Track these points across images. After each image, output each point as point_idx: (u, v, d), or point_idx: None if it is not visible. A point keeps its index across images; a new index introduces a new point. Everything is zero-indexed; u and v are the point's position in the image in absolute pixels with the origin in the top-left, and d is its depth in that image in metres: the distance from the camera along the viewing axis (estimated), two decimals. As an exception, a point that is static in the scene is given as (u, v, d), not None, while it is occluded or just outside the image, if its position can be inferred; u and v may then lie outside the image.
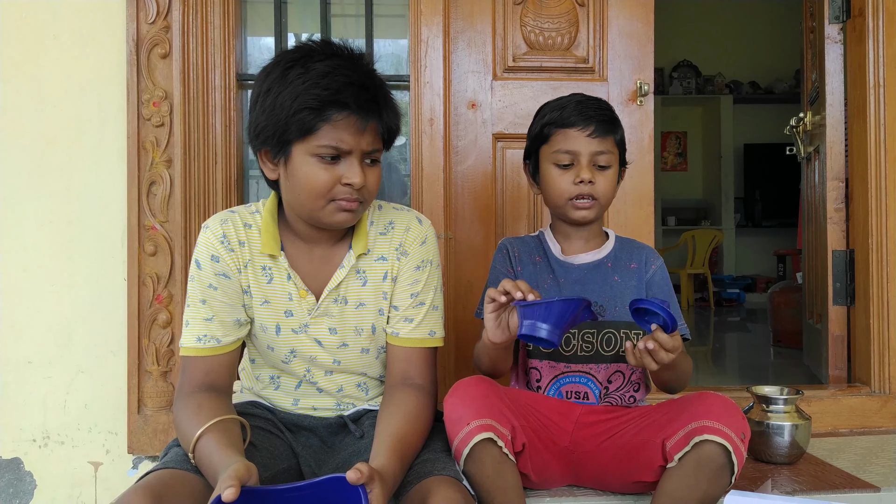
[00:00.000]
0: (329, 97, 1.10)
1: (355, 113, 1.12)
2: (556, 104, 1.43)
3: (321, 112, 1.11)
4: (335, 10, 2.10)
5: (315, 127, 1.12)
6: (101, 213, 1.88)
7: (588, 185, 1.37)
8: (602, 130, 1.37)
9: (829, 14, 2.28)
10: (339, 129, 1.12)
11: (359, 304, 1.30)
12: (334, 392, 1.34)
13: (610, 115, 1.41)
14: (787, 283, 3.84)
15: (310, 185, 1.16)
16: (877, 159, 2.05)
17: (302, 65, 1.13)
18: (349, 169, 1.15)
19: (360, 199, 1.18)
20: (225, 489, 0.90)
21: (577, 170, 1.37)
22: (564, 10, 2.04)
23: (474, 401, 1.22)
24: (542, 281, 1.44)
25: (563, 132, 1.38)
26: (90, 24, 1.87)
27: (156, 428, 1.84)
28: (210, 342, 1.23)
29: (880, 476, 1.58)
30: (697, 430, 1.19)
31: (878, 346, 2.04)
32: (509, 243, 1.50)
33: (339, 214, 1.19)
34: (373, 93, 1.14)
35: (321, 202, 1.17)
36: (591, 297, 1.39)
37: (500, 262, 1.47)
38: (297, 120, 1.12)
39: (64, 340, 1.88)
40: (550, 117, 1.41)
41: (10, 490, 1.87)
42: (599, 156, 1.38)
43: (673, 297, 1.44)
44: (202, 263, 1.24)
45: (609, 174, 1.40)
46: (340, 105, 1.11)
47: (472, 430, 1.19)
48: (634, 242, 1.51)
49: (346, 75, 1.12)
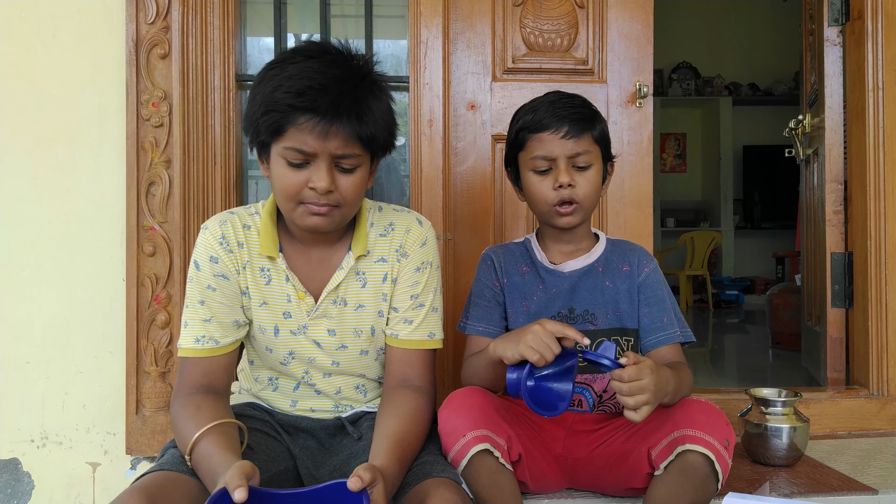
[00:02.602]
0: (289, 100, 1.09)
1: (318, 116, 1.09)
2: (529, 107, 1.39)
3: (286, 115, 1.10)
4: (335, 11, 2.10)
5: (282, 129, 1.11)
6: (100, 214, 1.88)
7: (568, 188, 1.32)
8: (577, 129, 1.32)
9: (829, 16, 2.28)
10: (303, 131, 1.10)
11: (358, 305, 1.30)
12: (332, 394, 1.34)
13: (585, 111, 1.36)
14: (785, 285, 3.83)
15: (281, 186, 1.15)
16: (876, 162, 2.05)
17: (280, 66, 1.12)
18: (315, 173, 1.13)
19: (331, 203, 1.15)
20: (234, 489, 0.89)
21: (556, 174, 1.33)
22: (564, 11, 2.04)
23: (470, 412, 1.21)
24: (531, 292, 1.41)
25: (538, 136, 1.34)
26: (90, 24, 1.87)
27: (154, 429, 1.84)
28: (208, 343, 1.23)
29: (878, 478, 1.58)
30: (680, 439, 1.19)
31: (877, 349, 2.04)
32: (493, 253, 1.46)
33: (309, 218, 1.17)
34: (336, 96, 1.09)
35: (292, 204, 1.16)
36: (581, 306, 1.39)
37: (485, 275, 1.44)
38: (265, 121, 1.11)
39: (62, 340, 1.88)
40: (524, 122, 1.37)
41: (7, 490, 1.87)
42: (577, 157, 1.33)
43: (666, 301, 1.40)
44: (201, 264, 1.24)
45: (590, 174, 1.35)
46: (302, 108, 1.09)
47: (468, 442, 1.18)
48: (627, 244, 1.47)
49: (312, 78, 1.09)
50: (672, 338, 1.38)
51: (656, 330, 1.38)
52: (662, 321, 1.38)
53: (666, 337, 1.38)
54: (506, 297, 1.42)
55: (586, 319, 1.38)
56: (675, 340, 1.38)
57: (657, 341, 1.38)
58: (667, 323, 1.38)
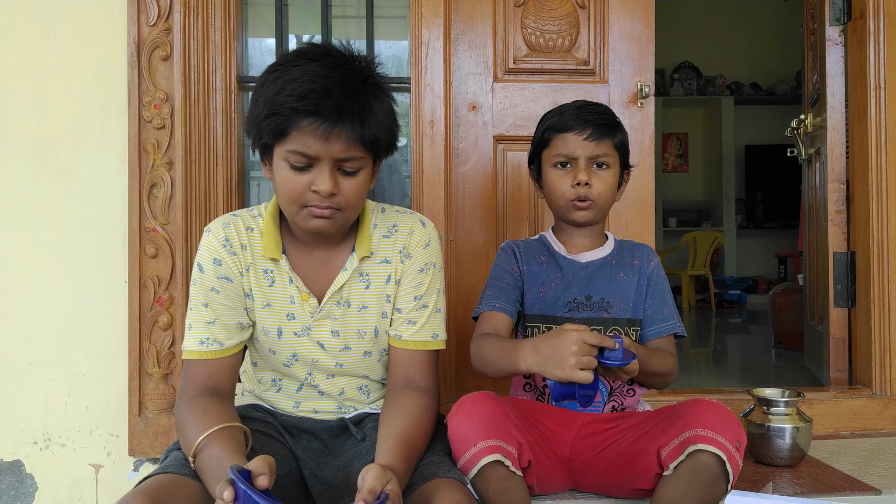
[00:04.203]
0: (292, 103, 1.09)
1: (320, 119, 1.09)
2: (557, 110, 1.47)
3: (289, 118, 1.10)
4: (336, 12, 2.11)
5: (285, 132, 1.11)
6: (102, 215, 1.88)
7: (585, 186, 1.40)
8: (599, 134, 1.41)
9: (830, 16, 2.28)
10: (306, 135, 1.10)
11: (362, 306, 1.30)
12: (336, 395, 1.34)
13: (609, 119, 1.44)
14: (788, 285, 3.83)
15: (284, 189, 1.16)
16: (878, 161, 2.05)
17: (283, 69, 1.12)
18: (318, 176, 1.13)
19: (333, 206, 1.15)
20: (259, 475, 0.93)
21: (575, 172, 1.41)
22: (565, 12, 2.04)
23: (481, 420, 1.21)
24: (548, 279, 1.46)
25: (562, 136, 1.43)
26: (92, 26, 1.87)
27: (157, 430, 1.84)
28: (213, 345, 1.23)
29: (881, 479, 1.58)
30: (691, 439, 1.19)
31: (880, 349, 2.04)
32: (514, 244, 1.52)
33: (312, 221, 1.17)
34: (338, 99, 1.09)
35: (295, 207, 1.16)
36: (598, 294, 1.45)
37: (505, 261, 1.49)
38: (268, 124, 1.11)
39: (65, 342, 1.88)
40: (550, 122, 1.46)
41: (11, 492, 1.87)
42: (597, 158, 1.42)
43: (668, 294, 1.48)
44: (205, 267, 1.24)
45: (607, 176, 1.43)
46: (305, 112, 1.09)
47: (479, 452, 1.19)
48: (632, 242, 1.55)
49: (315, 81, 1.09)
50: (671, 329, 1.46)
51: (658, 321, 1.46)
52: (663, 313, 1.46)
53: (666, 328, 1.46)
54: (524, 283, 1.47)
55: (601, 307, 1.44)
56: (672, 331, 1.46)
57: (658, 331, 1.46)
58: (667, 315, 1.46)
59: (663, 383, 1.43)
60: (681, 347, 1.49)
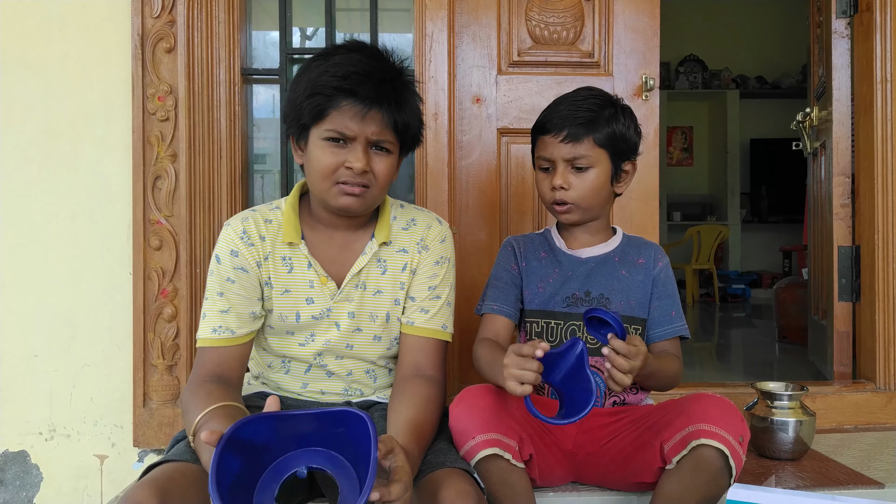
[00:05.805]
0: (335, 83, 1.18)
1: (359, 99, 1.18)
2: (551, 105, 1.44)
3: (330, 98, 1.18)
4: (340, 5, 2.10)
5: (325, 111, 1.19)
6: (106, 208, 1.88)
7: (560, 191, 1.38)
8: (575, 135, 1.36)
9: (837, 8, 2.27)
10: (344, 114, 1.19)
11: (377, 290, 1.34)
12: (343, 375, 1.37)
13: (589, 115, 1.37)
14: (792, 279, 3.82)
15: (319, 166, 1.22)
16: (884, 155, 2.04)
17: (325, 57, 1.22)
18: (352, 153, 1.21)
19: (364, 183, 1.23)
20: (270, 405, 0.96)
21: (552, 176, 1.40)
22: (570, 4, 2.03)
23: (481, 413, 1.22)
24: (547, 275, 1.45)
25: (542, 139, 1.42)
26: (96, 18, 1.87)
27: (161, 421, 1.85)
28: (225, 333, 1.27)
29: (885, 472, 1.58)
30: (695, 433, 1.19)
31: (884, 343, 2.04)
32: (514, 240, 1.52)
33: (342, 198, 1.24)
34: (378, 83, 1.19)
35: (327, 184, 1.23)
36: (597, 289, 1.43)
37: (504, 259, 1.49)
38: (309, 104, 1.20)
39: (69, 334, 1.89)
40: (537, 121, 1.44)
41: (16, 483, 1.89)
42: (574, 161, 1.38)
43: (675, 296, 1.46)
44: (222, 258, 1.29)
45: (588, 176, 1.38)
46: (346, 92, 1.18)
47: (477, 445, 1.20)
48: (642, 240, 1.52)
49: (356, 65, 1.19)
50: (677, 331, 1.44)
51: (664, 322, 1.44)
52: (671, 315, 1.44)
53: (672, 330, 1.44)
54: (523, 279, 1.47)
55: (601, 303, 1.42)
56: (678, 334, 1.44)
57: (664, 333, 1.43)
58: (674, 317, 1.44)
59: (668, 387, 1.42)
60: (684, 345, 1.48)
